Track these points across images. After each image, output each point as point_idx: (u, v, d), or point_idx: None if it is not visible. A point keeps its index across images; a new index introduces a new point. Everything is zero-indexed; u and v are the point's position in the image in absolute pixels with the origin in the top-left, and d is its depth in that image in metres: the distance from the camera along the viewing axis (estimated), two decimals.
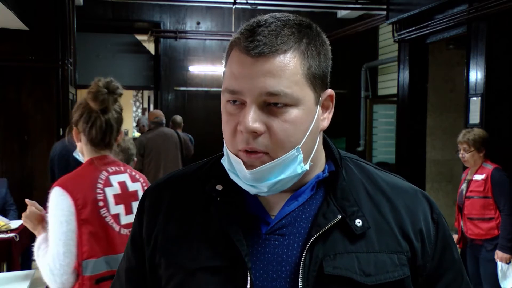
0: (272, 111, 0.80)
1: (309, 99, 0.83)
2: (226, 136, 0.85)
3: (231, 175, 0.86)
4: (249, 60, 0.80)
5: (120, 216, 1.79)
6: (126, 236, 1.76)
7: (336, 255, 0.83)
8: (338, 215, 0.85)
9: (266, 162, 0.81)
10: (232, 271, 0.83)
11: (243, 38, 0.81)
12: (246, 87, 0.80)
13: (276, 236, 0.86)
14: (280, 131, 0.80)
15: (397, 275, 0.84)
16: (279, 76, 0.79)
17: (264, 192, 0.84)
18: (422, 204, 0.92)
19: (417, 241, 0.88)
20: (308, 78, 0.82)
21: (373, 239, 0.85)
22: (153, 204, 0.95)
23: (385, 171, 0.96)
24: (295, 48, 0.81)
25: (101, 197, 1.76)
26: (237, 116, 0.82)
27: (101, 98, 1.83)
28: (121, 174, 1.86)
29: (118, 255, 1.74)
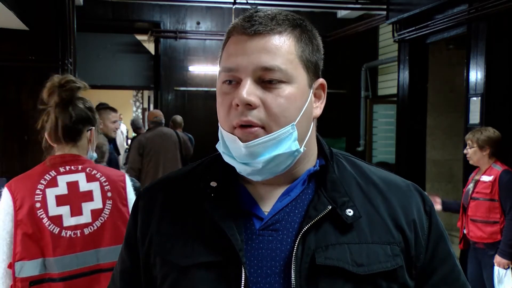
0: (266, 87, 0.83)
1: (302, 79, 0.86)
2: (221, 115, 0.86)
3: (225, 158, 0.88)
4: (245, 38, 0.84)
5: (63, 217, 1.71)
6: (69, 238, 1.69)
7: (328, 246, 0.83)
8: (329, 206, 0.85)
9: (261, 136, 0.82)
10: (226, 267, 0.83)
11: (240, 21, 0.86)
12: (242, 63, 0.83)
13: (269, 232, 0.86)
14: (274, 106, 0.82)
15: (390, 265, 0.85)
16: (273, 53, 0.83)
17: (258, 169, 0.84)
18: (415, 196, 0.93)
19: (410, 232, 0.88)
20: (302, 60, 0.86)
21: (365, 230, 0.86)
22: (147, 204, 0.96)
23: (377, 167, 0.98)
24: (289, 32, 0.86)
25: (39, 198, 1.70)
26: (232, 94, 0.84)
27: (50, 91, 1.83)
28: (74, 173, 1.77)
29: (56, 258, 1.68)
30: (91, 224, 1.74)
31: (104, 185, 1.78)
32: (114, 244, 1.74)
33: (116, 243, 1.74)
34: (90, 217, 1.74)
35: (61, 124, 1.81)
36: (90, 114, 1.86)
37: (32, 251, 1.67)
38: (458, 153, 5.97)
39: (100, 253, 1.73)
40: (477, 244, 3.49)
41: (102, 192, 1.77)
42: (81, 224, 1.72)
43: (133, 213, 0.98)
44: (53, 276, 1.68)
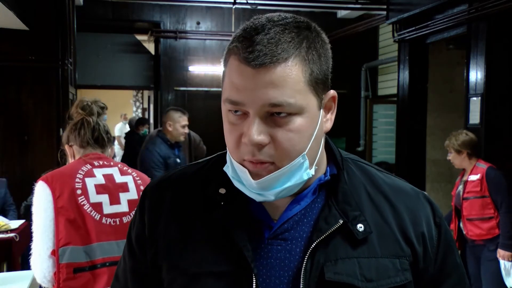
0: (276, 121, 0.79)
1: (312, 105, 0.82)
2: (230, 146, 0.83)
3: (235, 183, 0.85)
4: (250, 71, 0.78)
5: (103, 205, 1.80)
6: (109, 225, 1.79)
7: (337, 260, 0.82)
8: (340, 220, 0.84)
9: (272, 171, 0.80)
10: (237, 276, 0.82)
11: (242, 47, 0.79)
12: (248, 99, 0.78)
13: (278, 241, 0.85)
14: (285, 141, 0.79)
15: (399, 280, 0.84)
16: (281, 86, 0.78)
17: (270, 200, 0.83)
18: (425, 207, 0.91)
19: (419, 245, 0.87)
20: (311, 84, 0.81)
21: (375, 243, 0.85)
22: (154, 205, 0.94)
23: (387, 173, 0.96)
24: (296, 55, 0.79)
25: (79, 185, 1.79)
26: (240, 126, 0.81)
27: (85, 105, 2.01)
28: (109, 167, 1.91)
29: (99, 243, 1.76)
30: (128, 214, 1.85)
31: (137, 179, 1.92)
32: None
33: None
34: (127, 206, 1.85)
35: (91, 133, 1.98)
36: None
37: (75, 237, 1.75)
38: None
39: None
40: (476, 242, 3.53)
41: (136, 185, 1.90)
42: (119, 212, 1.83)
43: (140, 211, 0.96)
44: (96, 263, 1.76)
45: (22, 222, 3.93)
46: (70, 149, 2.00)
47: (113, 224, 1.80)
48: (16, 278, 2.81)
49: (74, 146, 1.99)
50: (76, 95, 6.35)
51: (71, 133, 2.00)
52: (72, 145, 2.00)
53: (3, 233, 3.63)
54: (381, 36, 8.14)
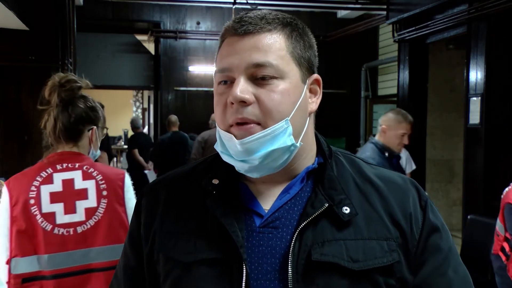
0: (260, 84, 0.85)
1: (295, 74, 0.87)
2: (218, 115, 0.88)
3: (223, 157, 0.89)
4: (237, 38, 0.87)
5: (57, 215, 1.71)
6: (61, 236, 1.69)
7: (324, 243, 0.84)
8: (325, 203, 0.86)
9: (257, 132, 0.84)
10: (228, 263, 0.84)
11: (231, 23, 0.89)
12: (234, 63, 0.85)
13: (269, 229, 0.87)
14: (268, 101, 0.84)
15: (386, 261, 0.85)
16: (265, 50, 0.85)
17: (255, 166, 0.85)
18: (411, 191, 0.93)
19: (407, 226, 0.89)
20: (294, 56, 0.87)
21: (362, 226, 0.87)
22: (151, 203, 0.97)
23: (376, 165, 0.98)
24: (279, 30, 0.88)
25: (33, 194, 1.70)
26: (227, 94, 0.85)
27: (51, 91, 1.82)
28: (71, 171, 1.76)
29: (47, 255, 1.68)
30: (84, 223, 1.73)
31: (100, 183, 1.77)
32: (107, 244, 1.73)
33: (109, 243, 1.73)
34: (84, 215, 1.73)
35: (60, 124, 1.81)
36: (92, 113, 1.85)
37: (25, 248, 1.68)
38: (458, 153, 5.97)
39: (92, 252, 1.72)
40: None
41: (97, 191, 1.76)
42: (74, 222, 1.72)
43: (136, 211, 0.99)
44: (44, 274, 1.69)
45: None
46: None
47: (66, 234, 1.70)
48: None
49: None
50: None
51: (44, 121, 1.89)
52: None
53: None
54: (381, 36, 8.14)
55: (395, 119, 3.35)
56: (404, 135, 3.30)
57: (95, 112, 1.87)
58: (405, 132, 3.31)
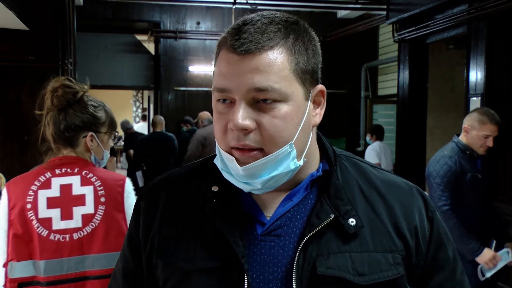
0: (261, 108, 0.80)
1: (298, 94, 0.82)
2: (218, 135, 0.85)
3: (224, 174, 0.86)
4: (236, 58, 0.80)
5: (53, 220, 1.67)
6: (58, 242, 1.66)
7: (329, 255, 0.83)
8: (331, 215, 0.84)
9: (259, 158, 0.81)
10: (228, 273, 0.83)
11: (229, 37, 0.82)
12: (234, 85, 0.80)
13: (271, 237, 0.85)
14: (270, 127, 0.80)
15: (391, 274, 0.84)
16: (266, 72, 0.79)
17: (258, 189, 0.84)
18: (417, 201, 0.91)
19: (412, 239, 0.87)
20: (297, 73, 0.82)
21: (367, 238, 0.85)
22: (150, 205, 0.95)
23: (381, 169, 0.96)
24: (281, 44, 0.81)
25: (30, 199, 1.68)
26: (227, 115, 0.82)
27: (46, 97, 1.80)
28: (69, 176, 1.73)
29: (42, 261, 1.65)
30: (81, 229, 1.69)
31: (98, 189, 1.72)
32: (103, 252, 1.69)
33: (105, 250, 1.69)
34: (81, 222, 1.69)
35: (51, 131, 1.79)
36: (89, 119, 1.79)
37: (22, 252, 1.66)
38: None
39: (88, 260, 1.69)
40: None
41: (95, 197, 1.71)
42: (70, 228, 1.68)
43: (135, 214, 0.98)
44: (39, 280, 1.67)
45: None
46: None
47: (62, 240, 1.67)
48: None
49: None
50: None
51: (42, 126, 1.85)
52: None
53: None
54: (381, 36, 8.14)
55: (479, 120, 3.10)
56: (488, 137, 3.06)
57: (93, 117, 1.81)
58: (489, 134, 3.06)
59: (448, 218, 2.98)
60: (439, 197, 3.05)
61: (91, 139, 1.80)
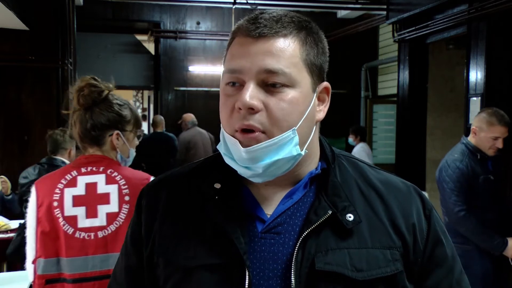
0: (270, 91, 0.82)
1: (306, 83, 0.85)
2: (223, 117, 0.86)
3: (226, 160, 0.87)
4: (250, 40, 0.83)
5: (79, 218, 1.69)
6: (83, 240, 1.68)
7: (328, 251, 0.83)
8: (329, 211, 0.85)
9: (262, 141, 0.82)
10: (230, 269, 0.83)
11: (245, 23, 0.86)
12: (246, 66, 0.82)
13: (272, 235, 0.86)
14: (277, 110, 0.82)
15: (389, 270, 0.85)
16: (278, 56, 0.82)
17: (258, 174, 0.84)
18: (415, 200, 0.92)
19: (409, 236, 0.88)
20: (306, 64, 0.85)
21: (365, 235, 0.86)
22: (151, 204, 0.95)
23: (379, 169, 0.97)
24: (294, 34, 0.85)
25: (57, 197, 1.70)
26: (235, 97, 0.83)
27: (73, 96, 1.81)
28: (95, 174, 1.75)
29: (68, 258, 1.67)
30: (105, 228, 1.71)
31: (123, 188, 1.74)
32: None
33: None
34: (105, 220, 1.71)
35: (78, 130, 1.81)
36: (114, 118, 1.81)
37: (49, 249, 1.68)
38: None
39: (112, 258, 1.69)
40: None
41: (119, 196, 1.73)
42: (95, 226, 1.70)
43: (137, 211, 0.98)
44: (65, 277, 1.69)
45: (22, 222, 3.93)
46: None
47: (87, 238, 1.69)
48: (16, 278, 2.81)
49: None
50: None
51: (70, 123, 1.86)
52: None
53: (3, 233, 3.63)
54: (381, 36, 8.14)
55: (487, 121, 3.06)
56: (497, 138, 3.02)
57: (119, 116, 1.83)
58: (498, 136, 3.02)
59: (467, 221, 2.98)
60: (455, 202, 3.01)
61: (117, 138, 1.82)
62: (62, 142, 3.53)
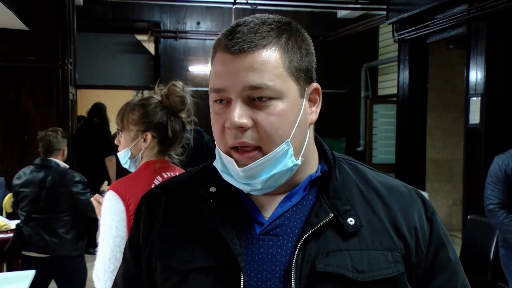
0: (257, 106, 0.82)
1: (292, 91, 0.84)
2: (216, 135, 0.86)
3: (224, 176, 0.87)
4: (230, 57, 0.83)
5: None
6: None
7: (328, 253, 0.83)
8: (330, 214, 0.85)
9: (258, 159, 0.82)
10: (225, 272, 0.83)
11: (223, 38, 0.85)
12: (229, 84, 0.82)
13: (270, 237, 0.86)
14: (266, 124, 0.81)
15: (391, 272, 0.85)
16: (260, 70, 0.81)
17: (258, 189, 0.84)
18: (417, 202, 0.92)
19: (411, 238, 0.88)
20: (291, 71, 0.84)
21: (366, 236, 0.86)
22: (150, 209, 0.96)
23: (379, 172, 0.97)
24: (274, 43, 0.83)
25: None
26: (224, 114, 0.84)
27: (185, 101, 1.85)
28: None
29: None
30: None
31: None
32: None
33: None
34: None
35: (178, 134, 1.86)
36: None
37: None
38: (458, 153, 5.97)
39: None
40: None
41: None
42: None
43: (136, 217, 0.98)
44: None
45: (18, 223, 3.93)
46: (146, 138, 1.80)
47: None
48: (16, 278, 2.81)
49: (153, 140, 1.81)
50: (76, 95, 6.35)
51: (163, 126, 1.81)
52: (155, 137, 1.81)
53: (3, 233, 3.63)
54: (381, 36, 8.14)
55: None
56: None
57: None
58: None
59: (494, 216, 3.10)
60: (488, 196, 3.16)
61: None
62: (56, 143, 3.52)
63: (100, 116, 6.48)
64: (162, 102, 1.85)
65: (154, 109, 1.83)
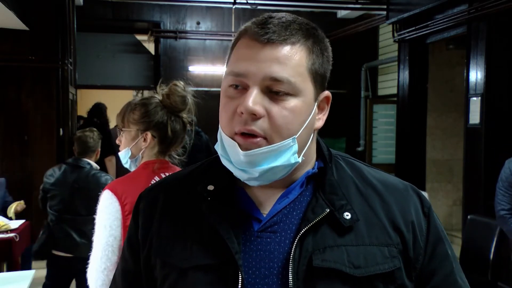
0: (273, 98, 0.83)
1: (309, 92, 0.85)
2: (223, 119, 0.86)
3: (223, 161, 0.88)
4: (258, 45, 0.83)
5: None
6: None
7: (325, 248, 0.84)
8: (326, 209, 0.86)
9: (262, 146, 0.82)
10: (223, 269, 0.84)
11: (253, 26, 0.85)
12: (251, 70, 0.82)
13: (268, 234, 0.86)
14: (279, 117, 0.82)
15: (387, 267, 0.85)
16: (285, 64, 0.82)
17: (254, 177, 0.84)
18: (413, 198, 0.93)
19: (408, 233, 0.88)
20: (311, 73, 0.85)
21: (363, 232, 0.86)
22: (148, 207, 0.96)
23: (376, 169, 0.98)
24: (302, 42, 0.85)
25: None
26: (237, 100, 0.83)
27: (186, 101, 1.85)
28: None
29: None
30: None
31: None
32: None
33: None
34: None
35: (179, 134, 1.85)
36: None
37: None
38: (458, 153, 5.97)
39: None
40: None
41: None
42: None
43: (134, 215, 0.99)
44: None
45: (22, 222, 3.94)
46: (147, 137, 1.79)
47: None
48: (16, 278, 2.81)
49: (153, 140, 1.79)
50: (76, 95, 6.34)
51: (163, 125, 1.79)
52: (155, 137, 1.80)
53: (3, 233, 3.63)
54: (381, 36, 8.14)
55: None
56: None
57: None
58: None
59: (506, 222, 3.00)
60: (499, 201, 3.06)
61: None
62: (93, 145, 3.52)
63: (100, 116, 6.48)
64: (163, 102, 1.84)
65: (155, 109, 1.83)
